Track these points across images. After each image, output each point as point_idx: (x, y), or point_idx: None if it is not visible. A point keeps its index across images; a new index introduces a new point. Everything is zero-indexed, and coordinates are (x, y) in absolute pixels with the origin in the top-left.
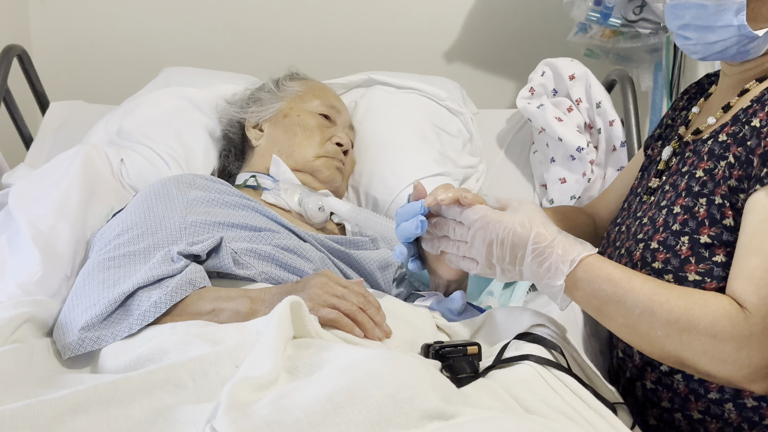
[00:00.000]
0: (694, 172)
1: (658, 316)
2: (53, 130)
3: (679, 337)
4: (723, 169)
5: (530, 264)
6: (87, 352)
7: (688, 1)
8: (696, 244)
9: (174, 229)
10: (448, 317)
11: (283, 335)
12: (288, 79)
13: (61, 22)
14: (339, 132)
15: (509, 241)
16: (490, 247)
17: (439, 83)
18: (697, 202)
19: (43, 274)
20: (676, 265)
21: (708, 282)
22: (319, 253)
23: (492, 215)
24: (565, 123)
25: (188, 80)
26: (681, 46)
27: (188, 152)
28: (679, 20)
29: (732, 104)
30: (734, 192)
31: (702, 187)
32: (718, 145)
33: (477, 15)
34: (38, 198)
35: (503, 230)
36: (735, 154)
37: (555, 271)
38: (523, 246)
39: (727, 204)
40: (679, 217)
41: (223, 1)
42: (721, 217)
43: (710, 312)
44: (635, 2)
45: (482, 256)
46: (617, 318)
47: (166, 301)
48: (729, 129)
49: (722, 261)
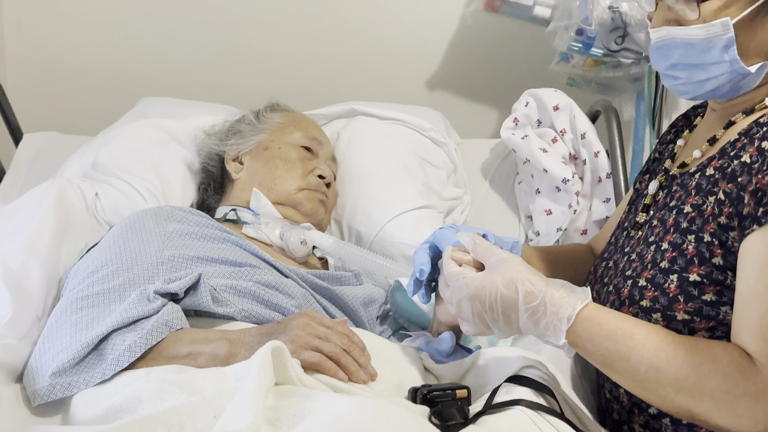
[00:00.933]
0: (682, 207)
1: (665, 373)
2: (27, 162)
3: (690, 394)
4: (712, 205)
5: (527, 323)
6: (57, 399)
7: (675, 40)
8: (685, 282)
9: (150, 264)
10: (436, 358)
11: (264, 383)
12: (268, 111)
13: (36, 50)
14: (321, 164)
15: (498, 307)
16: (480, 314)
17: (422, 113)
18: (686, 239)
19: (13, 315)
20: (665, 303)
21: (697, 321)
22: (301, 289)
23: (473, 281)
24: (550, 154)
25: (166, 111)
26: (670, 86)
27: (166, 185)
28: (666, 60)
29: (718, 137)
30: (724, 229)
31: (690, 223)
32: (705, 179)
33: (460, 44)
34: (9, 234)
35: (489, 296)
36: (725, 191)
37: (554, 330)
38: (515, 308)
39: (716, 242)
40: (667, 254)
41: (201, 31)
42: (710, 256)
43: (721, 368)
44: (617, 32)
45: (464, 313)
46: (624, 374)
47: (140, 345)
48: (716, 163)
49: (712, 300)
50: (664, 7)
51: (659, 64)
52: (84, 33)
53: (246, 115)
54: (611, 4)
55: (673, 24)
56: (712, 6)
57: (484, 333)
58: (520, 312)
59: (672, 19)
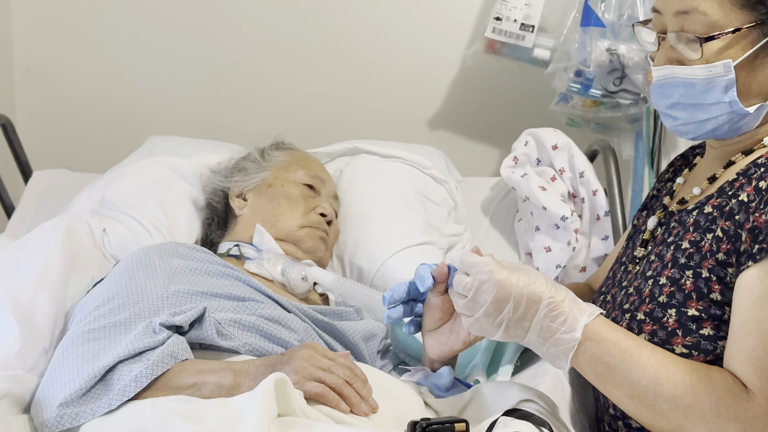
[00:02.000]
0: (680, 243)
1: (663, 389)
2: (35, 199)
3: (683, 412)
4: (710, 242)
5: (542, 319)
6: (66, 429)
7: (675, 80)
8: (683, 317)
9: (156, 299)
10: (435, 393)
11: (267, 415)
12: (273, 149)
13: (46, 91)
14: (323, 202)
15: (523, 298)
16: (500, 303)
17: (423, 151)
18: (684, 274)
19: (21, 347)
20: (663, 337)
21: (695, 355)
22: (303, 323)
23: (501, 269)
24: (549, 192)
25: (173, 149)
26: (670, 126)
27: (171, 222)
28: (666, 99)
29: (717, 176)
30: (722, 266)
31: (688, 259)
32: (703, 217)
33: (461, 84)
34: (18, 269)
35: (516, 285)
36: (723, 228)
37: (573, 322)
38: (538, 301)
39: (714, 278)
40: (665, 289)
41: (207, 71)
42: (708, 291)
43: (715, 390)
44: (615, 74)
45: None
46: (622, 387)
47: (147, 375)
48: (715, 201)
49: (710, 334)
50: (666, 47)
51: (659, 103)
52: (92, 74)
53: (251, 152)
54: (609, 47)
55: (675, 63)
56: (715, 46)
57: (485, 331)
58: (540, 306)
59: (674, 58)
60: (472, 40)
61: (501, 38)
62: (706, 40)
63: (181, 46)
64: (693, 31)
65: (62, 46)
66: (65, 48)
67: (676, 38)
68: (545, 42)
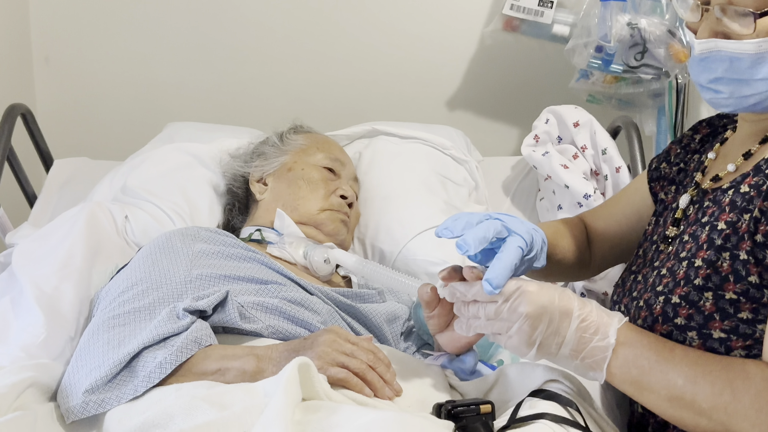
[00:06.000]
0: (716, 223)
1: (701, 387)
2: (57, 187)
3: (725, 410)
4: (747, 222)
5: (574, 332)
6: (91, 416)
7: (720, 54)
8: (720, 300)
9: (179, 283)
10: (460, 376)
11: (292, 400)
12: (292, 133)
13: (65, 80)
14: (343, 185)
15: (557, 311)
16: (535, 320)
17: (442, 132)
18: (720, 256)
19: (47, 335)
20: (700, 321)
21: (734, 340)
22: (326, 306)
23: (528, 286)
24: (571, 170)
25: (192, 135)
26: (709, 99)
27: (193, 208)
28: (709, 73)
29: (753, 152)
30: (761, 247)
31: (725, 240)
32: (740, 196)
33: (479, 63)
34: (42, 257)
35: (549, 302)
36: (761, 209)
37: (605, 329)
38: (569, 314)
39: (752, 260)
40: (701, 272)
41: (226, 56)
42: (747, 274)
43: (753, 384)
44: (636, 48)
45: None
46: (659, 390)
47: (171, 362)
48: (751, 180)
49: (748, 318)
50: (711, 19)
51: (701, 77)
52: (110, 62)
53: (270, 137)
54: (630, 21)
55: (720, 36)
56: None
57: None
58: (572, 319)
59: (719, 31)
60: (490, 18)
61: (519, 15)
62: (761, 16)
63: (199, 32)
64: (745, 5)
65: (80, 35)
66: (83, 37)
67: (721, 11)
68: (564, 18)
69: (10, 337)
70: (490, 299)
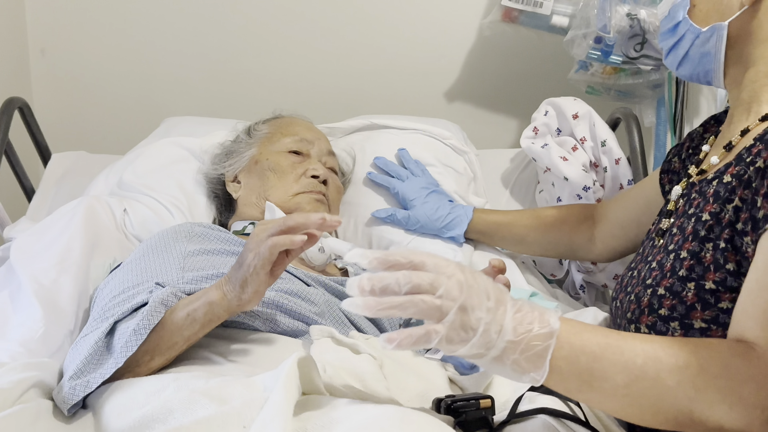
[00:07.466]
0: (701, 215)
1: (665, 363)
2: (55, 181)
3: (692, 383)
4: (729, 212)
5: (511, 320)
6: (81, 400)
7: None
8: (701, 291)
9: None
10: (460, 371)
11: (291, 396)
12: (260, 123)
13: (61, 73)
14: (313, 163)
15: (491, 291)
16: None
17: (439, 125)
18: (704, 247)
19: (46, 330)
20: (682, 312)
21: (714, 329)
22: (323, 296)
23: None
24: (570, 162)
25: (190, 129)
26: (671, 68)
27: (191, 201)
28: (667, 52)
29: (734, 143)
30: (740, 234)
31: (708, 231)
32: (723, 186)
33: (478, 55)
34: (40, 251)
35: (480, 282)
36: (741, 197)
37: (544, 317)
38: (503, 302)
39: (730, 247)
40: (685, 263)
41: (222, 50)
42: (725, 261)
43: (719, 353)
44: (636, 39)
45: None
46: (615, 376)
47: (144, 326)
48: (733, 169)
49: (727, 307)
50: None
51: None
52: (107, 55)
53: (239, 133)
54: (629, 12)
55: None
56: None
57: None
58: (507, 307)
59: None
60: (489, 8)
61: (518, 6)
62: None
63: (197, 23)
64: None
65: (76, 27)
66: (79, 29)
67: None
68: (563, 8)
69: (8, 332)
70: None
